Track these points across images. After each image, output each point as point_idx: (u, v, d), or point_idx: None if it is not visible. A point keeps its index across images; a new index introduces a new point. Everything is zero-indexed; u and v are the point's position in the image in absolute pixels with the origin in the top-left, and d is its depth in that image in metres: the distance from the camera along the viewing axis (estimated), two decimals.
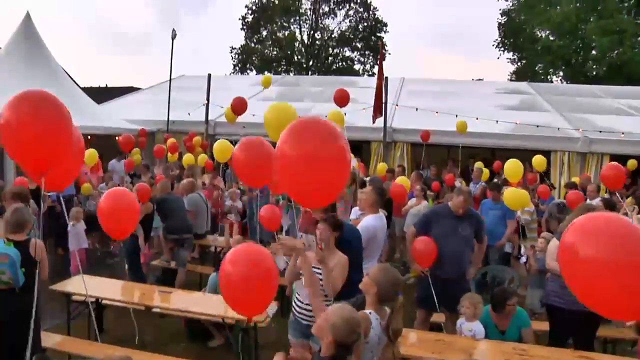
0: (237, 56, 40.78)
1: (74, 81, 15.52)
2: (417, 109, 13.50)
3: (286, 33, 40.82)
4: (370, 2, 40.46)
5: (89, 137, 13.57)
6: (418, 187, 8.98)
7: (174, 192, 8.48)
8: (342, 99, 9.75)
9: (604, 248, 2.12)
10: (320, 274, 3.79)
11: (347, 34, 40.79)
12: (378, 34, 40.50)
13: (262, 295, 3.28)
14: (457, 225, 5.31)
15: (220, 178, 11.81)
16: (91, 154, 10.49)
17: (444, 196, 9.40)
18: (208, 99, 14.55)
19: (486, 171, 11.21)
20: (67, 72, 14.96)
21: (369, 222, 5.01)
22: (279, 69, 40.23)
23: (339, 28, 41.11)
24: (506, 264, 7.87)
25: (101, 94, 23.11)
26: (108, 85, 36.67)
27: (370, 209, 5.20)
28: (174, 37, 15.38)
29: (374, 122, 12.03)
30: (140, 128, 13.57)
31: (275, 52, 40.57)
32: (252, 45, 40.71)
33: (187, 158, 11.40)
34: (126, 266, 7.40)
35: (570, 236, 2.27)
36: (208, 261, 8.98)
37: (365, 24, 40.65)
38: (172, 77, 15.83)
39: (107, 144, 12.38)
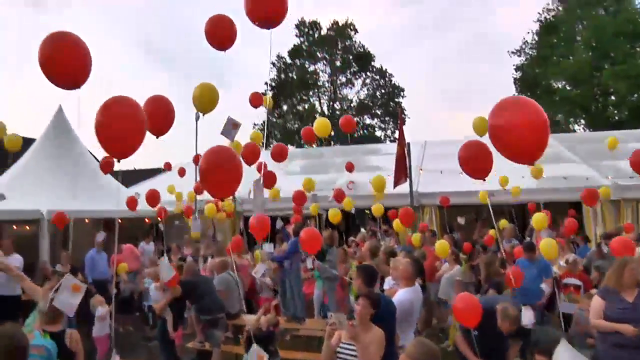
0: (260, 132, 41.67)
1: None
2: (441, 172, 13.54)
3: (306, 106, 41.78)
4: (386, 70, 41.42)
5: (119, 220, 13.91)
6: (450, 252, 8.89)
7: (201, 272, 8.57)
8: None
9: None
10: (353, 351, 3.74)
11: (366, 101, 41.61)
12: (396, 100, 41.20)
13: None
14: None
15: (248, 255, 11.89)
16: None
17: (477, 257, 9.26)
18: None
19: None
20: (95, 157, 15.47)
21: (404, 296, 4.92)
22: (301, 141, 40.88)
23: (358, 97, 42.05)
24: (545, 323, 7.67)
25: (129, 177, 23.70)
26: (136, 168, 37.68)
27: (405, 282, 5.11)
28: (197, 118, 15.77)
29: (394, 187, 11.98)
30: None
31: (296, 125, 41.41)
32: (274, 120, 41.67)
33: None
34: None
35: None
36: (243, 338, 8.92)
37: (383, 90, 41.50)
38: (199, 157, 16.21)
39: (136, 227, 12.60)
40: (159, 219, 13.88)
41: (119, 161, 3.97)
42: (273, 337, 6.93)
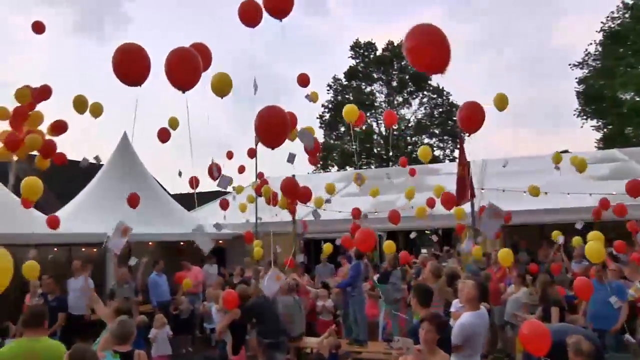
0: (318, 154, 41.89)
1: (165, 189, 16.48)
2: (503, 191, 13.25)
3: (363, 127, 41.85)
4: (443, 88, 41.04)
5: (182, 243, 14.30)
6: (515, 274, 8.65)
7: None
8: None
9: None
10: None
11: (424, 121, 41.30)
12: (454, 118, 40.69)
13: None
14: None
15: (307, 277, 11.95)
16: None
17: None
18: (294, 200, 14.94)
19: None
20: (158, 182, 16.00)
21: (466, 319, 4.79)
22: (360, 163, 40.93)
23: (415, 116, 41.77)
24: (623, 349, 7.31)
25: (190, 200, 24.27)
26: (197, 192, 38.58)
27: (469, 305, 4.96)
28: (257, 143, 16.05)
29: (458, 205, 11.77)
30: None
31: (354, 147, 41.47)
32: (332, 141, 41.88)
33: (257, 252, 11.74)
34: None
35: None
36: None
37: (440, 109, 41.10)
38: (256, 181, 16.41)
39: (196, 249, 12.85)
40: (219, 242, 14.17)
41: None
42: (336, 359, 6.92)
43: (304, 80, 10.77)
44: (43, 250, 10.93)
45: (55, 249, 12.53)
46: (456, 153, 37.32)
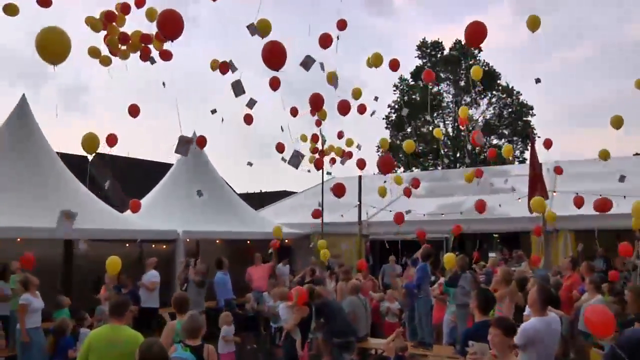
0: (384, 153, 41.69)
1: (232, 189, 16.86)
2: (577, 194, 12.74)
3: (430, 127, 41.32)
4: (513, 87, 39.93)
5: (248, 241, 14.61)
6: (588, 280, 8.32)
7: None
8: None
9: None
10: None
11: (492, 121, 40.32)
12: (524, 119, 39.55)
13: None
14: None
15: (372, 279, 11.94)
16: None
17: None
18: (360, 200, 14.98)
19: None
20: (226, 182, 16.40)
21: (528, 323, 4.69)
22: (426, 164, 40.41)
23: (483, 117, 40.84)
24: None
25: (256, 200, 24.80)
26: (262, 191, 39.32)
27: (533, 309, 4.87)
28: (324, 142, 16.16)
29: (532, 212, 11.42)
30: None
31: (421, 147, 40.96)
32: (398, 142, 41.59)
33: (320, 245, 11.96)
34: None
35: None
36: None
37: (510, 109, 40.00)
38: (324, 180, 16.52)
39: (265, 248, 13.07)
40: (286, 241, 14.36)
41: None
42: None
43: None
44: (115, 245, 11.41)
45: (127, 245, 13.06)
46: (526, 154, 36.29)
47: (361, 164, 12.76)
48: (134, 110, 10.01)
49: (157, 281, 10.82)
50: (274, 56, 6.09)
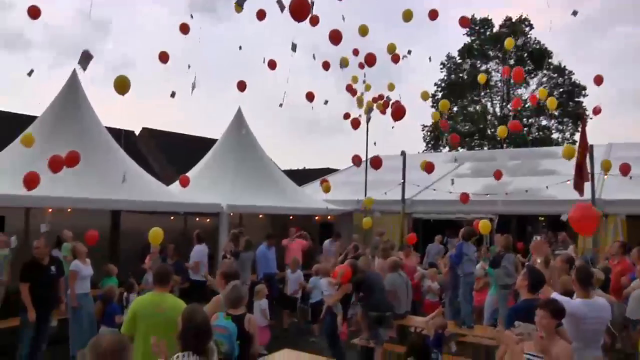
0: (429, 133, 41.19)
1: (277, 165, 16.98)
2: (630, 177, 12.30)
3: (477, 107, 40.50)
4: (565, 67, 38.66)
5: (290, 217, 14.74)
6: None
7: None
8: None
9: None
10: None
11: (542, 101, 39.22)
12: (576, 99, 38.32)
13: None
14: None
15: (416, 255, 11.87)
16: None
17: None
18: (404, 178, 14.86)
19: None
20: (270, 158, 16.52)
21: (569, 305, 4.49)
22: (472, 144, 39.73)
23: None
24: None
25: (301, 177, 24.91)
26: (306, 168, 39.51)
27: (575, 290, 4.80)
28: (368, 120, 15.96)
29: (581, 194, 11.01)
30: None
31: (467, 127, 40.25)
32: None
33: (365, 222, 12.08)
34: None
35: None
36: (407, 342, 8.92)
37: (561, 89, 38.77)
38: (367, 158, 16.39)
39: (308, 224, 13.15)
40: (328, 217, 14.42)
41: None
42: (441, 339, 6.86)
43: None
44: (161, 217, 11.67)
45: (172, 218, 13.34)
46: (576, 137, 35.21)
47: (398, 111, 12.07)
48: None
49: (199, 260, 11.07)
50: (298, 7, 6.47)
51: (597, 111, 12.63)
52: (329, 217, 15.92)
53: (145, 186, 11.63)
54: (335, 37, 9.82)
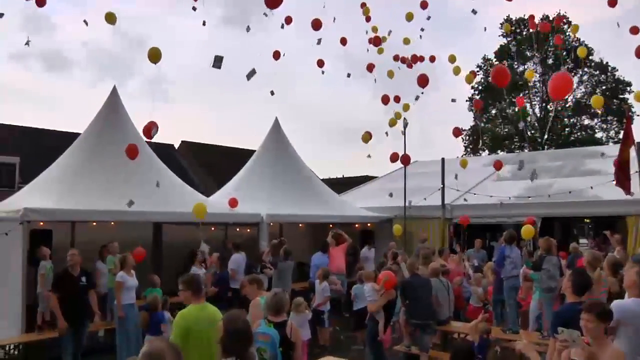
0: (467, 137, 40.66)
1: (315, 174, 17.03)
2: None
3: (516, 109, 39.76)
4: (607, 63, 37.60)
5: (330, 225, 14.73)
6: None
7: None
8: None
9: None
10: None
11: (584, 100, 38.24)
12: (621, 96, 37.20)
13: None
14: None
15: (462, 259, 11.70)
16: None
17: None
18: (443, 183, 14.71)
19: None
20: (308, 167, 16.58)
21: (623, 302, 4.36)
22: (512, 147, 39.03)
23: (574, 96, 38.81)
24: None
25: (339, 185, 24.93)
26: (344, 176, 39.50)
27: (629, 291, 4.55)
28: (405, 125, 15.81)
29: (628, 193, 10.63)
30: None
31: (506, 130, 39.57)
32: (482, 125, 40.32)
33: (396, 229, 11.90)
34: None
35: None
36: (450, 348, 8.78)
37: (604, 87, 37.73)
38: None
39: (348, 232, 13.08)
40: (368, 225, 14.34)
41: None
42: (486, 345, 6.73)
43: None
44: (202, 228, 11.82)
45: (213, 228, 13.49)
46: (621, 135, 34.20)
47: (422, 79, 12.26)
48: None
49: (234, 268, 11.17)
50: None
51: None
52: (368, 225, 15.86)
53: (185, 198, 11.81)
54: (376, 43, 9.91)
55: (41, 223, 9.73)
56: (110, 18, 9.26)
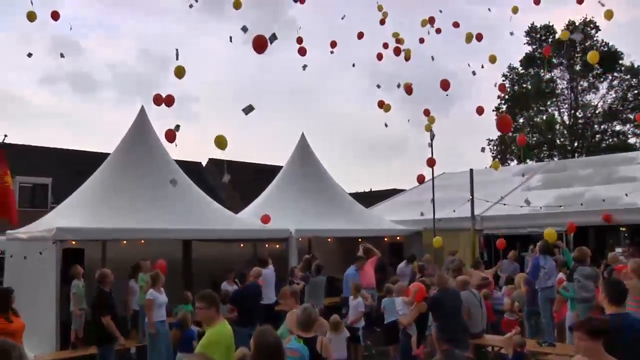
0: (495, 147, 40.23)
1: (342, 189, 16.99)
2: None
3: (544, 117, 39.25)
4: (638, 67, 36.80)
5: (359, 239, 14.64)
6: None
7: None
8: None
9: None
10: None
11: (615, 106, 37.52)
12: None
13: None
14: None
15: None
16: None
17: None
18: (472, 194, 14.54)
19: None
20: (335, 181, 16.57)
21: None
22: (542, 155, 38.46)
23: (604, 102, 38.15)
24: None
25: (367, 198, 24.87)
26: (372, 189, 39.41)
27: None
28: (432, 137, 15.59)
29: None
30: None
31: (535, 138, 39.02)
32: (510, 134, 39.82)
33: (436, 241, 11.79)
34: None
35: None
36: None
37: (636, 91, 36.97)
38: (434, 176, 16.08)
39: (377, 245, 12.97)
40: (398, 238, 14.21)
41: None
42: (521, 358, 6.59)
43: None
44: (231, 245, 11.89)
45: (242, 245, 13.54)
46: None
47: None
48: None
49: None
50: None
51: None
52: (397, 238, 15.74)
53: (214, 215, 11.89)
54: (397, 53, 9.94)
55: (73, 242, 9.91)
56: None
